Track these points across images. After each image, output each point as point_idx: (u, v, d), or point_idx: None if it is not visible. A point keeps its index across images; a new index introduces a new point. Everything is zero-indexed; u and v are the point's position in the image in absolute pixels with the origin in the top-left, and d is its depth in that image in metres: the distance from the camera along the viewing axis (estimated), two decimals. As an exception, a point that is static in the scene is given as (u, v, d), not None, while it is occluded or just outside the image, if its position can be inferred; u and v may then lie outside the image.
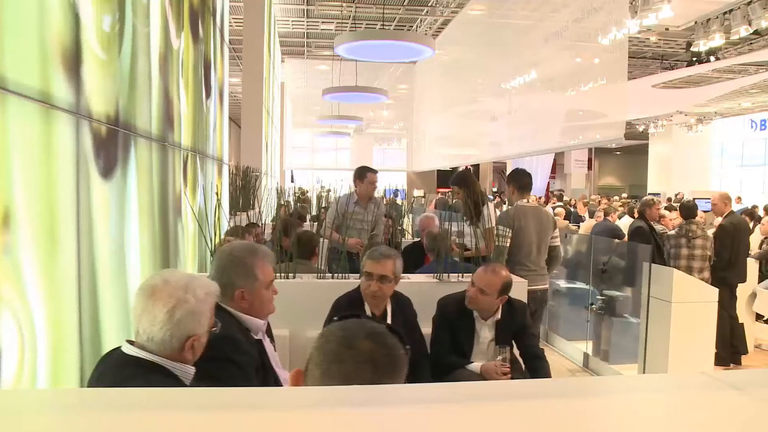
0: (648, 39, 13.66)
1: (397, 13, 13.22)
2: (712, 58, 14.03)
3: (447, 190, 28.76)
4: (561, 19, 8.04)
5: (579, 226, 11.41)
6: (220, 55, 5.84)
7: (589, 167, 32.35)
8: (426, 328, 3.75)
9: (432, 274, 4.41)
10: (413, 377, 3.57)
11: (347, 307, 3.48)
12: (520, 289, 4.39)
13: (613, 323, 6.42)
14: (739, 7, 9.49)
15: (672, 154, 23.71)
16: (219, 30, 5.75)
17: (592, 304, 6.60)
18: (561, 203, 14.29)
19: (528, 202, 5.06)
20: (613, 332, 6.43)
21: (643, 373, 5.67)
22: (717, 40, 10.09)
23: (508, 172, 20.22)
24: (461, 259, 4.78)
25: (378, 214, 5.88)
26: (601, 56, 6.68)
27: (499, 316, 3.66)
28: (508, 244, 4.86)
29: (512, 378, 3.54)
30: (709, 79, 16.81)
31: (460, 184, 5.22)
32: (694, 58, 14.13)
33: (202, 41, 4.77)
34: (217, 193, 5.08)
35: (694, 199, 13.79)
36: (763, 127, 21.30)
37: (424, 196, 24.37)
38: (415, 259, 5.33)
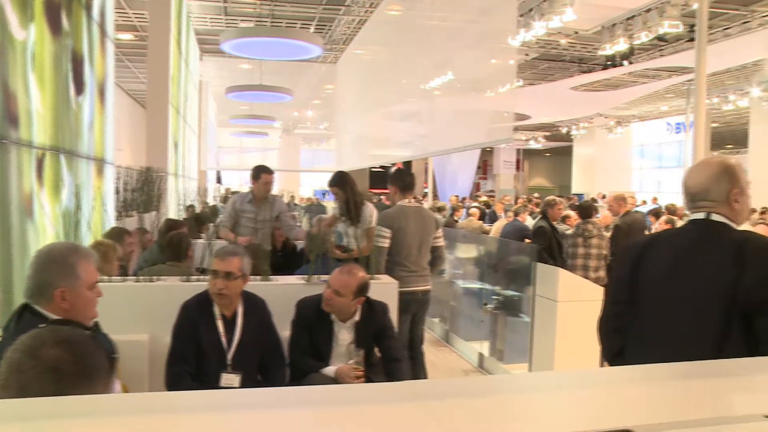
0: (567, 42, 13.87)
1: (316, 12, 13.11)
2: (625, 63, 14.38)
3: (379, 190, 28.72)
4: (459, 19, 8.10)
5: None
6: (100, 51, 5.63)
7: (520, 168, 32.91)
8: (288, 331, 3.68)
9: (303, 276, 4.34)
10: (267, 381, 3.52)
11: (196, 308, 3.38)
12: (392, 291, 4.36)
13: (508, 323, 6.47)
14: (640, 14, 9.74)
15: (595, 155, 24.30)
16: (98, 25, 5.54)
17: (486, 304, 6.64)
18: (477, 203, 14.41)
19: (410, 202, 5.03)
20: (509, 332, 6.49)
21: (530, 371, 5.73)
22: (622, 44, 10.33)
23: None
24: (336, 259, 4.72)
25: (281, 211, 5.83)
26: (498, 57, 6.73)
27: (357, 317, 3.61)
28: (387, 245, 4.82)
29: (371, 380, 3.50)
30: (625, 83, 17.31)
31: (339, 185, 5.15)
32: (609, 62, 14.45)
33: (68, 35, 4.57)
34: (96, 195, 4.88)
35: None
36: (678, 130, 22.00)
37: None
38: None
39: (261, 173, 5.73)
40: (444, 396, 1.09)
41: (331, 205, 21.93)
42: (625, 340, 2.36)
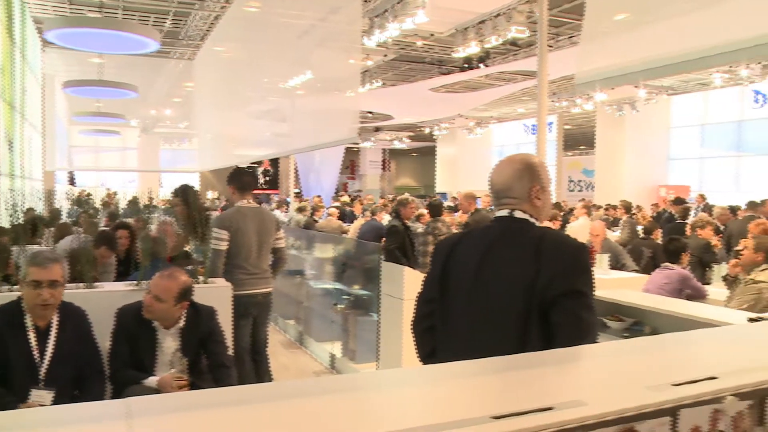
0: (424, 44, 14.13)
1: (170, 6, 12.60)
2: (482, 66, 14.85)
3: (246, 190, 28.14)
4: (311, 17, 8.04)
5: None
6: None
7: (387, 168, 33.37)
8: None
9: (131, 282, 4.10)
10: (83, 396, 3.28)
11: (3, 318, 3.13)
12: (226, 295, 4.22)
13: (359, 322, 6.47)
14: (490, 19, 10.08)
15: (456, 155, 25.04)
16: None
17: (336, 304, 6.62)
18: (338, 204, 14.45)
19: (249, 202, 4.90)
20: (361, 331, 6.48)
21: (377, 369, 5.75)
22: (474, 47, 10.65)
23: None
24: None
25: None
26: (345, 57, 6.72)
27: (183, 323, 3.44)
28: (224, 247, 4.67)
29: (198, 388, 3.34)
30: (483, 85, 17.91)
31: (181, 197, 4.89)
32: (466, 65, 14.88)
33: None
34: None
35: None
36: (534, 132, 23.07)
37: (218, 198, 23.69)
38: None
39: None
40: (271, 399, 1.08)
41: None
42: (436, 339, 2.37)
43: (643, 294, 4.43)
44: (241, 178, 4.91)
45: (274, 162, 28.62)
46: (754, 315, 3.21)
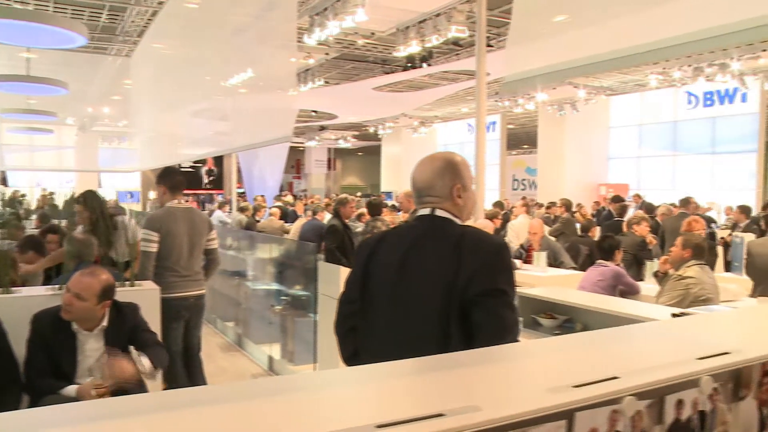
0: (367, 42, 14.08)
1: (106, 0, 12.25)
2: (425, 65, 14.90)
3: (191, 191, 27.64)
4: (248, 14, 7.88)
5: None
6: None
7: (332, 167, 33.24)
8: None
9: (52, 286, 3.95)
10: (-4, 407, 3.13)
11: None
12: (154, 297, 4.11)
13: (298, 323, 6.39)
14: (431, 18, 10.10)
15: (401, 154, 25.09)
16: None
17: (272, 305, 6.52)
18: (280, 203, 14.31)
19: (180, 203, 4.77)
20: (300, 332, 6.40)
21: (314, 370, 5.68)
22: (414, 46, 10.66)
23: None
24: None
25: None
26: (281, 55, 6.61)
27: (106, 323, 3.31)
28: (154, 249, 4.53)
29: (126, 391, 3.21)
30: (427, 85, 17.97)
31: (84, 204, 4.72)
32: (409, 64, 14.90)
33: None
34: None
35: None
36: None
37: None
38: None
39: None
40: (194, 404, 1.02)
41: (133, 207, 20.79)
42: (359, 340, 2.32)
43: (574, 291, 4.48)
44: (172, 178, 4.78)
45: (218, 161, 28.23)
46: (677, 310, 3.26)
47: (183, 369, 4.79)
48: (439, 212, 2.22)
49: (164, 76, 13.93)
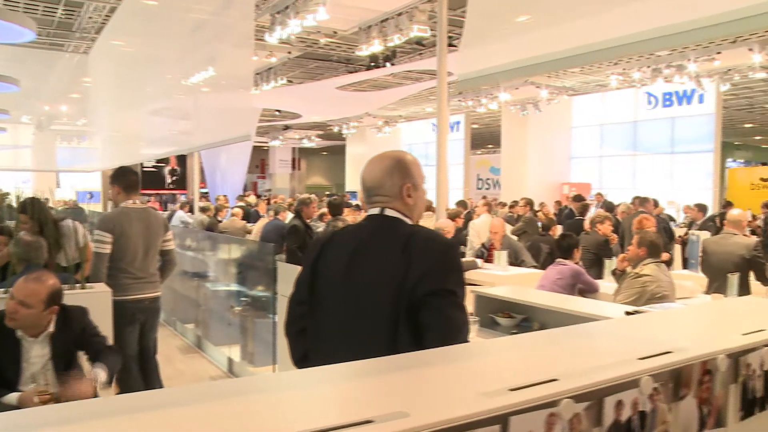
0: (330, 41, 14.01)
1: (63, -5, 11.99)
2: (388, 64, 14.88)
3: (153, 191, 27.18)
4: (206, 11, 7.80)
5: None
6: None
7: (297, 167, 33.06)
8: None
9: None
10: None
11: None
12: (105, 300, 4.02)
13: (258, 324, 6.31)
14: (393, 17, 10.08)
15: (366, 154, 24.97)
16: None
17: (232, 306, 6.44)
18: (242, 203, 14.17)
19: (135, 203, 4.67)
20: (258, 333, 6.33)
21: (274, 372, 5.62)
22: (377, 46, 10.62)
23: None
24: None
25: None
26: (240, 53, 6.53)
27: (52, 328, 3.21)
28: (108, 251, 4.43)
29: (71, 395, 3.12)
30: (391, 84, 17.96)
31: (26, 212, 4.59)
32: (372, 63, 14.86)
33: None
34: None
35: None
36: (441, 131, 23.37)
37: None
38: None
39: None
40: (144, 408, 0.98)
41: (93, 207, 20.34)
42: (308, 342, 2.28)
43: (531, 291, 4.48)
44: (126, 178, 4.68)
45: (182, 161, 27.85)
46: (631, 308, 3.29)
47: (138, 372, 4.70)
48: (388, 212, 2.20)
49: (124, 73, 13.70)
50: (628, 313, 3.06)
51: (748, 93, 18.23)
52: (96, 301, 3.75)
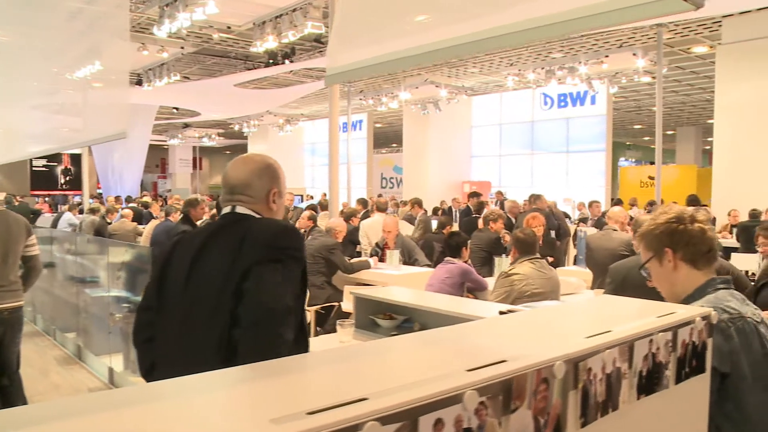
0: (226, 37, 13.64)
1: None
2: (287, 62, 14.64)
3: (44, 192, 25.77)
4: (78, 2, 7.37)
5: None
6: None
7: (199, 166, 32.20)
8: None
9: None
10: None
11: None
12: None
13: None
14: (287, 13, 9.89)
15: (268, 153, 24.62)
16: None
17: (112, 313, 6.10)
18: (134, 204, 13.63)
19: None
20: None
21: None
22: (271, 42, 10.41)
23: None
24: None
25: None
26: (113, 47, 6.19)
27: None
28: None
29: None
30: (292, 82, 17.72)
31: None
32: (271, 60, 14.59)
33: None
34: None
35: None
36: (345, 129, 23.27)
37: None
38: None
39: None
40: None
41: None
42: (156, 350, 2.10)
43: (411, 291, 4.42)
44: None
45: (76, 160, 26.56)
46: (505, 308, 3.27)
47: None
48: (240, 208, 2.07)
49: (4, 66, 12.88)
50: (501, 313, 3.04)
51: (635, 96, 19.09)
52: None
